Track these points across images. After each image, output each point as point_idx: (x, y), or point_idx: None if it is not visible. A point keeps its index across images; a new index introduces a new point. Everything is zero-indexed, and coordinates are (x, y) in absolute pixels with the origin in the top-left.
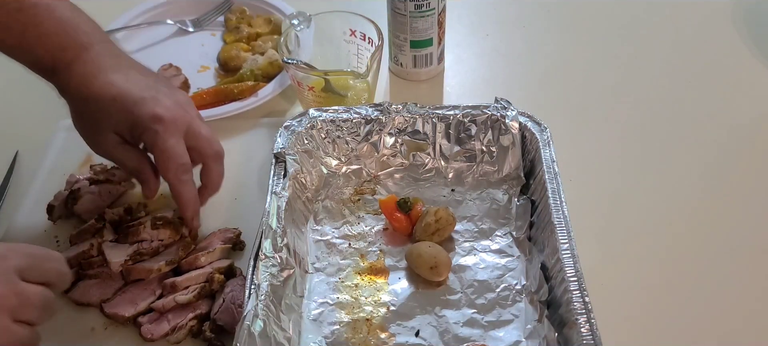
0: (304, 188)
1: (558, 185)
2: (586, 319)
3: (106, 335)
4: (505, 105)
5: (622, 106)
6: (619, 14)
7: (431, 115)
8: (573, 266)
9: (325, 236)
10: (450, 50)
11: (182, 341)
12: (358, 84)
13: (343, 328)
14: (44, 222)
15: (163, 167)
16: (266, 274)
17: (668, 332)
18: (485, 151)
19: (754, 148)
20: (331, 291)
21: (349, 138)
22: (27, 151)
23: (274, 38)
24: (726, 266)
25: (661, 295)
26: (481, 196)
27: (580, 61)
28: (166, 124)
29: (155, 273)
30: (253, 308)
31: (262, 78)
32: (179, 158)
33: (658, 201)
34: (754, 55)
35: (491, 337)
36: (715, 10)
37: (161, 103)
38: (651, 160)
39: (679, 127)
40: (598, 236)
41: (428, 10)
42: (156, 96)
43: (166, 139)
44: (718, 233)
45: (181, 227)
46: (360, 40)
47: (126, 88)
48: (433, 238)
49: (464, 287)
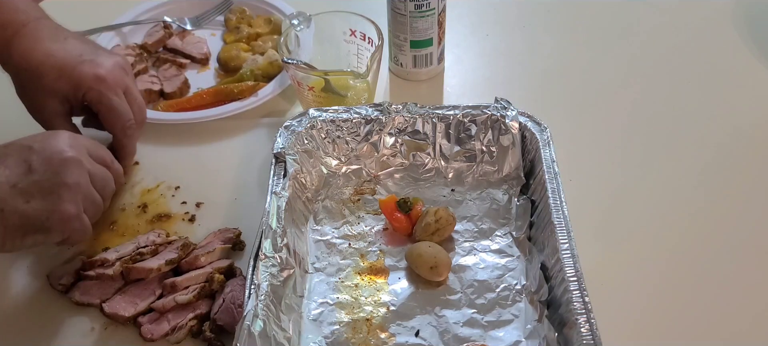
0: (304, 188)
1: (558, 184)
2: (586, 319)
3: (106, 335)
4: (505, 105)
5: (622, 106)
6: (620, 14)
7: (431, 115)
8: (573, 266)
9: (325, 236)
10: (450, 50)
11: (182, 341)
12: (358, 84)
13: (343, 328)
14: None
15: (110, 123)
16: (266, 274)
17: (668, 331)
18: (485, 151)
19: (754, 148)
20: (331, 291)
21: (349, 138)
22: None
23: (274, 38)
24: (726, 266)
25: (661, 295)
26: (481, 196)
27: (580, 61)
28: (108, 83)
29: (155, 273)
30: (253, 308)
31: (262, 78)
32: (126, 114)
33: (658, 201)
34: (754, 56)
35: (491, 337)
36: (716, 10)
37: (102, 65)
38: (651, 160)
39: (679, 127)
40: (598, 236)
41: (428, 10)
42: (95, 59)
43: (111, 97)
44: (718, 232)
45: None
46: (360, 40)
47: (65, 54)
48: (433, 238)
49: (464, 287)
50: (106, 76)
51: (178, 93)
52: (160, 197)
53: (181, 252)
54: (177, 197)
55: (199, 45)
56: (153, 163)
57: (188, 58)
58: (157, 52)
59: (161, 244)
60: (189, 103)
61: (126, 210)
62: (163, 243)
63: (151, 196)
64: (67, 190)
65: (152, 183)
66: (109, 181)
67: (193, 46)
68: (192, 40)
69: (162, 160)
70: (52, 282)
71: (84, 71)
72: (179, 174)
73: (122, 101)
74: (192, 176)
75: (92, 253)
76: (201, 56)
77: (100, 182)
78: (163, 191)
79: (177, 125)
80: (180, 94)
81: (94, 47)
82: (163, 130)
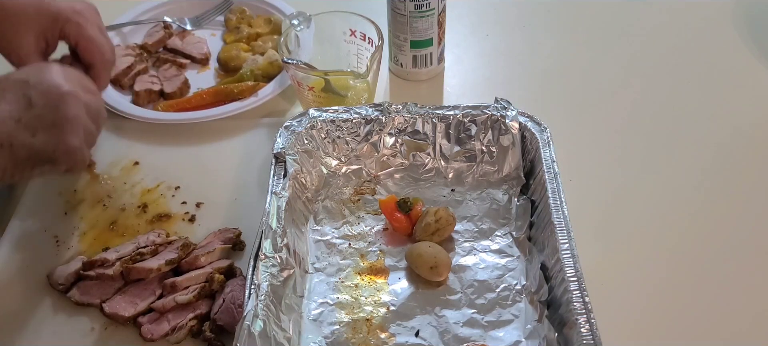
0: (304, 188)
1: (558, 185)
2: (586, 319)
3: (106, 335)
4: (505, 105)
5: (622, 106)
6: (620, 14)
7: (431, 115)
8: (573, 266)
9: (325, 236)
10: (450, 50)
11: (182, 341)
12: (358, 84)
13: (343, 328)
14: (44, 222)
15: (91, 54)
16: (266, 274)
17: (668, 331)
18: (485, 151)
19: (754, 148)
20: (331, 291)
21: (349, 138)
22: None
23: (274, 38)
24: (726, 265)
25: (661, 295)
26: (481, 196)
27: (580, 61)
28: (86, 17)
29: (155, 273)
30: (253, 308)
31: (262, 78)
32: (106, 46)
33: (659, 201)
34: (754, 56)
35: (491, 337)
36: (716, 10)
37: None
38: (651, 160)
39: (679, 127)
40: (598, 236)
41: (428, 10)
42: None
43: (89, 29)
44: (719, 232)
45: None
46: (360, 40)
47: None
48: (433, 238)
49: (464, 287)
50: (83, 10)
51: (178, 93)
52: (160, 197)
53: (181, 252)
54: (177, 197)
55: (199, 45)
56: (153, 163)
57: (188, 58)
58: (157, 52)
59: (161, 244)
60: (189, 103)
61: (126, 210)
62: (163, 243)
63: (151, 196)
64: (69, 123)
65: (152, 183)
66: (102, 110)
67: (193, 46)
68: (192, 40)
69: (162, 160)
70: (52, 282)
71: (61, 5)
72: (179, 174)
73: (101, 33)
74: (192, 176)
75: (92, 253)
76: (201, 56)
77: (94, 112)
78: (163, 191)
79: (177, 125)
80: (180, 94)
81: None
82: (163, 130)
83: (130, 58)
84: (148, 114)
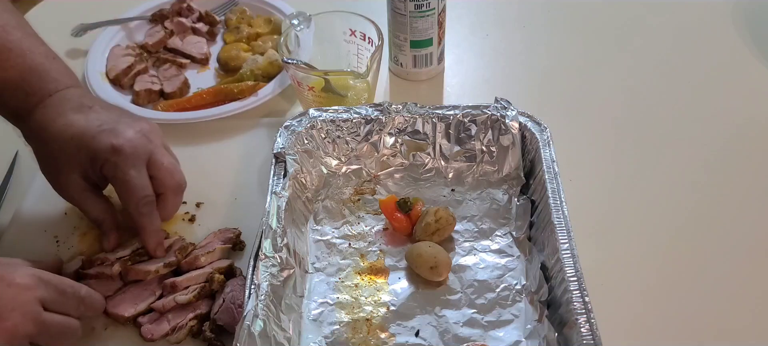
0: (304, 188)
1: (558, 185)
2: (586, 319)
3: (106, 335)
4: (505, 105)
5: (622, 106)
6: (620, 14)
7: (431, 115)
8: (573, 266)
9: (325, 236)
10: (450, 50)
11: (182, 341)
12: (358, 84)
13: (343, 328)
14: (44, 222)
15: (124, 199)
16: (266, 274)
17: (668, 331)
18: (485, 151)
19: (754, 148)
20: (331, 291)
21: (349, 138)
22: (27, 152)
23: (274, 38)
24: (726, 265)
25: (661, 294)
26: (481, 196)
27: (580, 61)
28: (124, 155)
29: (153, 275)
30: (253, 308)
31: (262, 78)
32: (141, 190)
33: (658, 201)
34: (754, 56)
35: (491, 337)
36: (716, 10)
37: (121, 134)
38: (651, 160)
39: (679, 127)
40: (598, 236)
41: (428, 10)
42: (115, 127)
43: (126, 170)
44: (718, 232)
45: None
46: (360, 40)
47: (84, 124)
48: (433, 238)
49: (464, 287)
50: (124, 145)
51: (178, 93)
52: None
53: (179, 255)
54: None
55: (199, 45)
56: None
57: (188, 58)
58: (158, 52)
59: None
60: (189, 103)
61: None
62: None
63: None
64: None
65: None
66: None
67: (193, 46)
68: (192, 40)
69: None
70: None
71: (101, 142)
72: None
73: (139, 175)
74: (192, 176)
75: (92, 253)
76: (201, 56)
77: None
78: None
79: (177, 125)
80: (180, 94)
81: (119, 115)
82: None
83: (130, 58)
84: (148, 114)
